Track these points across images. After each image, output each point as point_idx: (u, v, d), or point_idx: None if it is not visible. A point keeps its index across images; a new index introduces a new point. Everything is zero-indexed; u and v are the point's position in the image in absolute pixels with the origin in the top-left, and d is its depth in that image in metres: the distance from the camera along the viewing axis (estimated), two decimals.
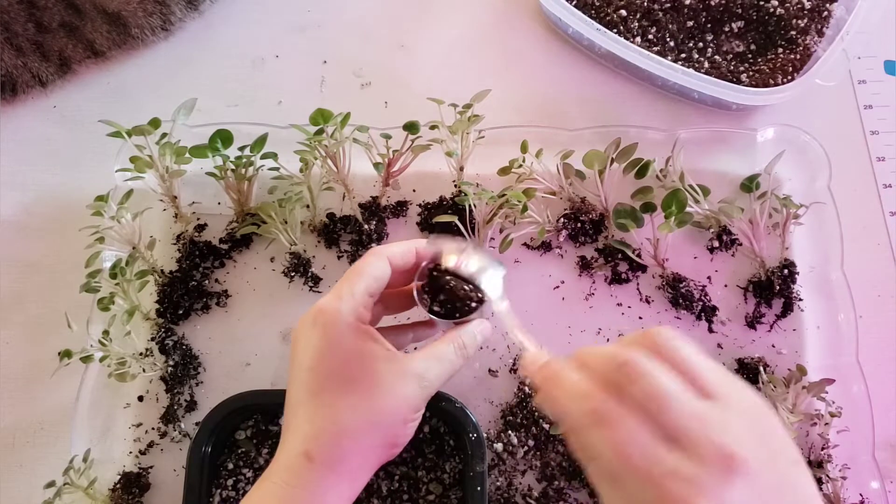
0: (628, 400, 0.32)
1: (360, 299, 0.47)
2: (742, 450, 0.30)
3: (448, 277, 0.51)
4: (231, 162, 0.64)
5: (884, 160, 0.71)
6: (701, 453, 0.30)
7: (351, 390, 0.44)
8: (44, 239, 0.68)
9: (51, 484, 0.56)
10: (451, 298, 0.51)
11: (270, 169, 0.64)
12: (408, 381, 0.46)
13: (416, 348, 0.57)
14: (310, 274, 0.65)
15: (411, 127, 0.61)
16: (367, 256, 0.49)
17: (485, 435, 0.57)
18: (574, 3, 0.73)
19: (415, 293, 0.52)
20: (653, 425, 0.31)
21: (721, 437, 0.31)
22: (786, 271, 0.64)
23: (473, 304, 0.51)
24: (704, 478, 0.29)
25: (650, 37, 0.72)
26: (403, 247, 0.51)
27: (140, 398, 0.63)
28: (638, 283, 0.66)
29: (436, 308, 0.51)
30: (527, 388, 0.61)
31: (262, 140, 0.65)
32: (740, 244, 0.66)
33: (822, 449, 0.59)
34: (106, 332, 0.58)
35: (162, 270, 0.65)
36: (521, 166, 0.65)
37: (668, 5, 0.72)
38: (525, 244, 0.67)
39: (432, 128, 0.63)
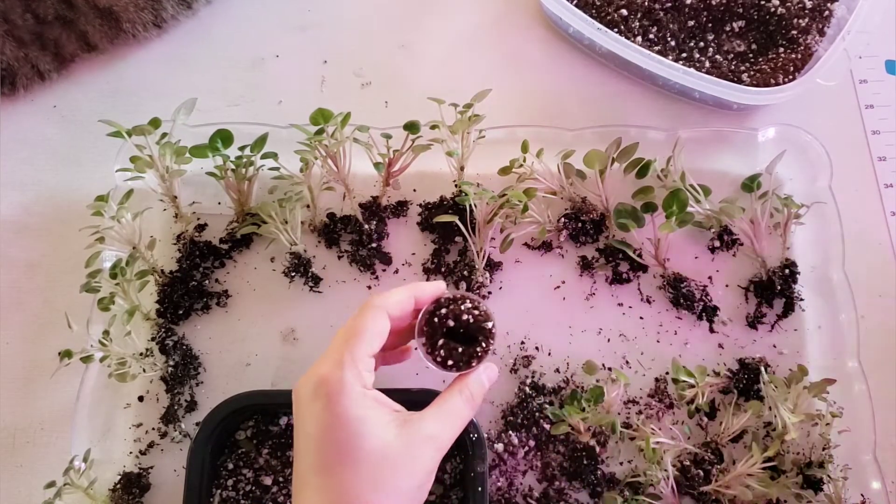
0: None
1: (362, 364, 0.45)
2: None
3: (450, 323, 0.48)
4: (231, 162, 0.63)
5: (885, 160, 0.71)
6: None
7: (361, 462, 0.42)
8: (44, 239, 0.68)
9: (51, 484, 0.56)
10: (455, 347, 0.48)
11: (271, 169, 0.64)
12: (421, 446, 0.44)
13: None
14: (310, 274, 0.65)
15: (412, 127, 0.61)
16: (365, 312, 0.47)
17: (485, 435, 0.57)
18: (575, 2, 0.73)
19: (418, 346, 0.49)
20: None
21: None
22: (787, 271, 0.64)
23: (479, 353, 0.48)
24: None
25: (651, 36, 0.72)
26: (402, 295, 0.48)
27: (140, 398, 0.63)
28: (639, 283, 0.66)
29: (439, 356, 0.48)
30: (527, 389, 0.61)
31: (262, 140, 0.65)
32: (741, 244, 0.66)
33: (824, 449, 0.59)
34: (106, 332, 0.58)
35: (162, 270, 0.65)
36: (521, 166, 0.65)
37: (669, 5, 0.72)
38: (526, 244, 0.67)
39: (433, 127, 0.63)
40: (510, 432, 0.60)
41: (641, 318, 0.65)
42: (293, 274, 0.65)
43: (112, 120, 0.61)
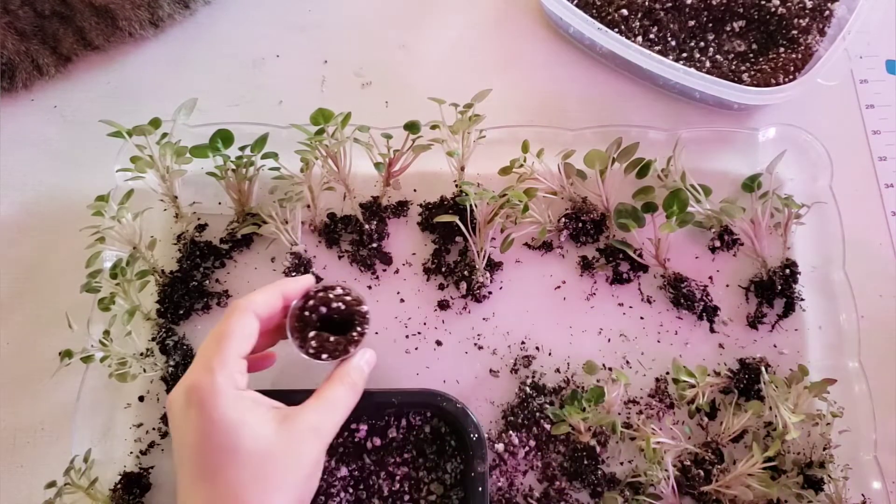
0: None
1: (232, 366, 0.44)
2: None
3: (322, 310, 0.49)
4: (232, 162, 0.63)
5: (885, 160, 0.71)
6: None
7: (244, 463, 0.42)
8: (44, 239, 0.68)
9: (51, 484, 0.56)
10: (327, 337, 0.49)
11: (271, 169, 0.64)
12: (304, 439, 0.44)
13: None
14: (311, 274, 0.65)
15: (412, 127, 0.61)
16: (231, 315, 0.47)
17: (486, 435, 0.57)
18: (575, 2, 0.73)
19: (291, 342, 0.50)
20: None
21: None
22: (787, 271, 0.64)
23: (356, 337, 0.50)
24: None
25: (651, 36, 0.72)
26: (268, 293, 0.49)
27: (141, 398, 0.63)
28: (639, 283, 0.66)
29: (312, 348, 0.49)
30: (528, 389, 0.61)
31: (262, 140, 0.65)
32: (742, 244, 0.66)
33: (824, 449, 0.59)
34: (106, 333, 0.58)
35: (162, 270, 0.65)
36: (522, 166, 0.65)
37: (670, 4, 0.72)
38: (526, 244, 0.67)
39: (433, 127, 0.63)
40: (511, 432, 0.60)
41: (642, 318, 0.65)
42: (294, 274, 0.65)
43: (112, 120, 0.61)
